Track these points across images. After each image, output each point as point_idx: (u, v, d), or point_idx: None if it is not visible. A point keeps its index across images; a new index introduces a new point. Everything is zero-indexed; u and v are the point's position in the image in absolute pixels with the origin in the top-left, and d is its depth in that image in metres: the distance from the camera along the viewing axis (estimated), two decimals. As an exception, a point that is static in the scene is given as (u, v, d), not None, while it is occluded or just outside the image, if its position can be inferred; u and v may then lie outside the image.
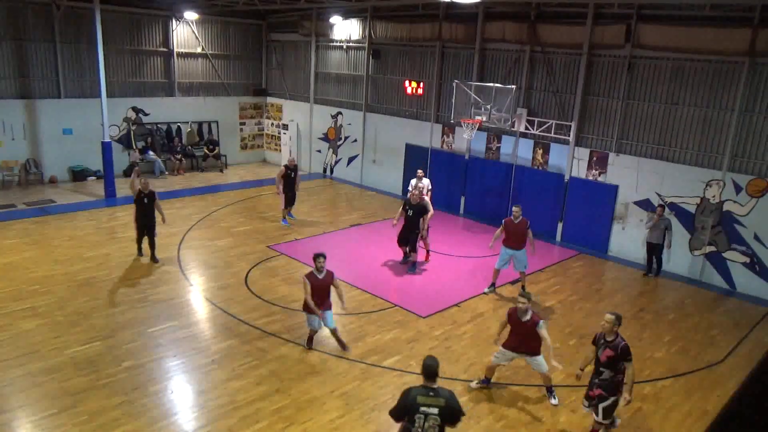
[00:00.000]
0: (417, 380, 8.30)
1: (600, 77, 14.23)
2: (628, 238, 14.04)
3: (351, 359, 8.78)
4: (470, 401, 7.93)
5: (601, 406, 6.83)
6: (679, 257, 13.26)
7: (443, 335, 9.75)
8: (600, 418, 6.90)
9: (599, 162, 14.36)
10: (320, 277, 8.64)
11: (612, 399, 6.78)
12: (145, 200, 12.00)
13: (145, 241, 12.26)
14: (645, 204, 13.64)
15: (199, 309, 10.45)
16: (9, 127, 17.31)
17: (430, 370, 5.35)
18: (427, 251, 13.09)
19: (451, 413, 5.28)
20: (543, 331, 7.60)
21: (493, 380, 8.36)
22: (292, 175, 15.12)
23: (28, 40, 17.37)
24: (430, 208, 12.52)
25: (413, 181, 14.33)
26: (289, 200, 15.35)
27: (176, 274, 11.74)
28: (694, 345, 9.97)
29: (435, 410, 5.21)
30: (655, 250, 12.95)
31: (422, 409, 5.20)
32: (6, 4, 16.74)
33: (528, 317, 7.63)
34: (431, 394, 5.26)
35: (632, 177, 13.81)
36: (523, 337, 7.72)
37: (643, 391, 8.44)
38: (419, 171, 14.70)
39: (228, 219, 15.67)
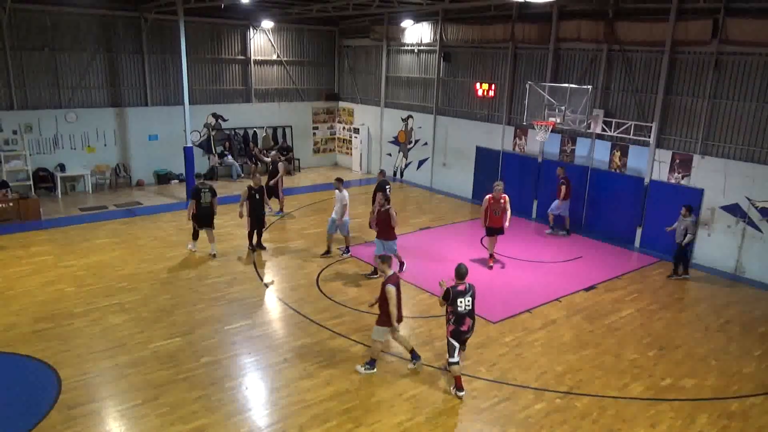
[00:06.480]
0: (485, 386, 8.24)
1: (684, 75, 13.51)
2: (714, 245, 13.24)
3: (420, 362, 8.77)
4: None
5: None
6: (772, 266, 12.38)
7: (514, 341, 9.56)
8: None
9: (682, 164, 13.63)
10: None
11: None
12: (257, 196, 12.86)
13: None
14: (733, 209, 12.82)
15: (273, 308, 10.77)
16: (102, 133, 18.53)
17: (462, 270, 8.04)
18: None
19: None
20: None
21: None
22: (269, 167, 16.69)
23: (119, 51, 18.52)
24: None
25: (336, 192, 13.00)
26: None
27: (251, 274, 12.15)
28: (789, 361, 9.28)
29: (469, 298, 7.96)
30: (679, 250, 12.48)
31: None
32: (99, 19, 17.94)
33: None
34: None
35: (719, 180, 13.01)
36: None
37: (731, 407, 7.93)
38: (337, 179, 13.13)
39: (299, 221, 16.06)
